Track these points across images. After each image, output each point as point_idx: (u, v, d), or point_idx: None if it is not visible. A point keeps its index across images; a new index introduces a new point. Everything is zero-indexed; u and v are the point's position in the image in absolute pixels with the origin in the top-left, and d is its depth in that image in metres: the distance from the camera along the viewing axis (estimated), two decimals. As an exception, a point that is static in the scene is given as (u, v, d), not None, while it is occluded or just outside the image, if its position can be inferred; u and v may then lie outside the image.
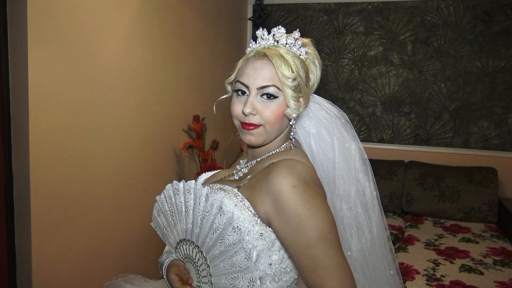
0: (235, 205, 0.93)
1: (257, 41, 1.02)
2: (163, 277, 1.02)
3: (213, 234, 0.90)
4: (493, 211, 3.15)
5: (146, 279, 1.38)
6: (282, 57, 0.96)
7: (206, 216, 0.91)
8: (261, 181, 0.94)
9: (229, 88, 1.06)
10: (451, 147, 3.53)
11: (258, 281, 0.87)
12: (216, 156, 2.89)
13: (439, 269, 2.41)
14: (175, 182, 0.98)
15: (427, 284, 2.25)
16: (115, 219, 2.10)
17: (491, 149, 3.43)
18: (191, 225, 0.95)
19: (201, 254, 0.94)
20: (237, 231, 0.87)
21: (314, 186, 0.92)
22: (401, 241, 2.88)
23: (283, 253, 0.95)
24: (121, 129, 2.10)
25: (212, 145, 2.72)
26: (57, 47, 1.67)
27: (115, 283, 1.34)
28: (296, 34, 1.02)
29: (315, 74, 1.05)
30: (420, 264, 2.47)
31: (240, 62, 1.01)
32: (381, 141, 3.70)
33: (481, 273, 2.36)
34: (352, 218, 1.07)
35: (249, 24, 3.85)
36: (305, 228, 0.87)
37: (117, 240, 2.12)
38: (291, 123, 1.01)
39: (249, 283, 0.87)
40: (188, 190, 0.95)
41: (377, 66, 3.64)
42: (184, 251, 0.99)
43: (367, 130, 3.72)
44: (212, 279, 0.92)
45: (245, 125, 0.98)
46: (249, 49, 1.02)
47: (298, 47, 1.00)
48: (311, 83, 1.05)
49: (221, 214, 0.89)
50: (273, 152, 1.03)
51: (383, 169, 3.45)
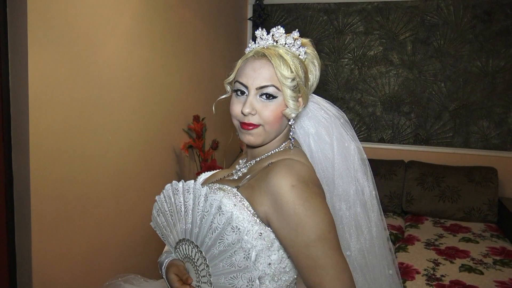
0: (234, 205, 0.93)
1: (256, 41, 1.02)
2: (162, 277, 1.03)
3: (212, 234, 0.91)
4: (493, 211, 3.15)
5: (145, 279, 1.38)
6: (281, 57, 0.96)
7: (205, 216, 0.92)
8: (260, 181, 0.94)
9: (228, 88, 1.07)
10: (451, 147, 3.53)
11: (257, 280, 0.87)
12: (216, 156, 2.89)
13: (439, 269, 2.41)
14: (174, 182, 0.99)
15: (427, 284, 2.25)
16: (115, 219, 2.10)
17: (491, 148, 3.43)
18: (190, 225, 0.95)
19: (200, 254, 0.94)
20: (236, 231, 0.88)
21: (313, 186, 0.92)
22: (401, 241, 2.88)
23: (282, 252, 0.95)
24: (121, 128, 2.10)
25: (212, 145, 2.72)
26: (57, 47, 1.67)
27: (114, 283, 1.34)
28: (295, 34, 1.02)
29: (314, 74, 1.05)
30: (420, 264, 2.47)
31: (239, 62, 1.01)
32: (381, 141, 3.70)
33: (481, 273, 2.36)
34: (351, 217, 1.07)
35: (249, 24, 3.85)
36: (304, 228, 0.88)
37: (117, 240, 2.12)
38: (290, 123, 1.01)
39: (248, 282, 0.87)
40: (187, 190, 0.95)
41: (377, 66, 3.64)
42: (183, 251, 0.99)
43: (367, 130, 3.72)
44: (211, 279, 0.92)
45: (244, 125, 0.98)
46: (248, 49, 1.02)
47: (297, 47, 1.00)
48: (310, 83, 1.05)
49: (220, 214, 0.89)
50: (272, 152, 1.03)
51: (383, 169, 3.45)
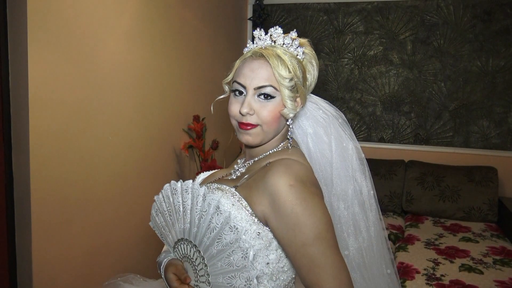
0: (233, 204, 0.94)
1: (254, 42, 1.02)
2: (161, 277, 1.03)
3: (210, 234, 0.91)
4: (493, 210, 3.15)
5: (145, 279, 1.39)
6: (279, 57, 0.96)
7: (204, 215, 0.92)
8: (258, 180, 0.94)
9: (226, 88, 1.07)
10: (451, 147, 3.53)
11: (255, 280, 0.87)
12: (216, 156, 2.89)
13: (439, 268, 2.41)
14: (173, 182, 0.99)
15: (427, 284, 2.25)
16: (116, 219, 2.10)
17: (491, 148, 3.43)
18: (188, 225, 0.95)
19: (198, 253, 0.94)
20: (234, 231, 0.88)
21: (311, 186, 0.93)
22: (401, 240, 2.88)
23: (280, 252, 0.95)
24: (121, 128, 2.10)
25: (212, 145, 2.73)
26: (57, 47, 1.67)
27: (114, 282, 1.34)
28: (293, 34, 1.02)
29: (312, 74, 1.05)
30: (420, 263, 2.47)
31: (238, 63, 1.02)
32: (381, 140, 3.70)
33: (481, 273, 2.36)
34: (349, 217, 1.08)
35: (249, 24, 3.86)
36: (302, 227, 0.88)
37: (117, 240, 2.12)
38: (288, 123, 1.01)
39: (246, 282, 0.88)
40: (186, 189, 0.96)
41: (377, 66, 3.64)
42: (182, 251, 0.99)
43: (367, 129, 3.72)
44: (209, 278, 0.93)
45: (243, 125, 0.98)
46: (246, 49, 1.03)
47: (295, 47, 1.00)
48: (308, 83, 1.05)
49: (218, 214, 0.90)
50: (270, 151, 1.03)
51: (383, 169, 3.45)
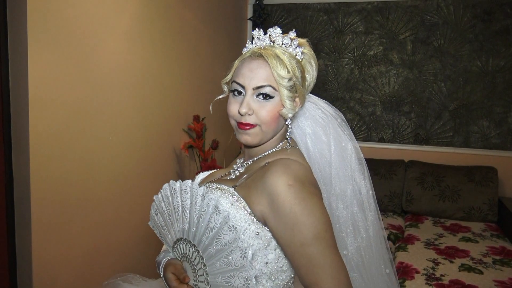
0: (231, 204, 0.94)
1: (253, 42, 1.03)
2: (160, 276, 1.03)
3: (209, 233, 0.91)
4: (493, 210, 3.15)
5: (144, 278, 1.39)
6: (277, 57, 0.96)
7: (203, 215, 0.92)
8: (257, 180, 0.95)
9: (225, 88, 1.07)
10: (451, 147, 3.53)
11: (254, 279, 0.87)
12: (216, 156, 2.89)
13: (438, 268, 2.41)
14: (171, 181, 0.99)
15: (427, 283, 2.25)
16: (116, 219, 2.10)
17: (491, 148, 3.43)
18: (187, 225, 0.96)
19: (197, 253, 0.94)
20: (233, 230, 0.88)
21: (310, 186, 0.93)
22: (401, 240, 2.88)
23: (279, 252, 0.95)
24: (121, 128, 2.11)
25: (212, 145, 2.73)
26: (57, 47, 1.68)
27: (113, 282, 1.34)
28: (292, 34, 1.02)
29: (311, 74, 1.06)
30: (419, 263, 2.47)
31: (236, 63, 1.02)
32: (381, 140, 3.70)
33: (481, 272, 2.36)
34: (348, 217, 1.08)
35: (249, 24, 3.86)
36: (300, 227, 0.88)
37: (117, 240, 2.13)
38: (287, 123, 1.02)
39: (244, 281, 0.88)
40: (185, 189, 0.96)
41: (377, 66, 3.64)
42: (181, 250, 1.00)
43: (367, 129, 3.72)
44: (208, 278, 0.93)
45: (241, 125, 0.98)
46: (245, 49, 1.03)
47: (294, 47, 1.00)
48: (307, 83, 1.05)
49: (217, 213, 0.90)
50: (269, 151, 1.04)
51: (383, 169, 3.45)
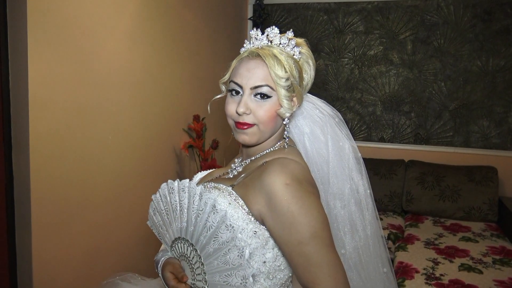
0: (229, 203, 0.94)
1: (251, 41, 1.03)
2: (159, 275, 1.04)
3: (207, 232, 0.91)
4: (493, 210, 3.15)
5: (143, 278, 1.39)
6: (275, 57, 0.97)
7: (200, 214, 0.92)
8: (255, 179, 0.95)
9: (223, 88, 1.07)
10: (451, 146, 3.53)
11: (251, 278, 0.88)
12: (216, 155, 2.90)
13: (438, 268, 2.42)
14: (169, 181, 0.99)
15: (426, 283, 2.25)
16: (115, 219, 2.11)
17: (491, 148, 3.43)
18: (185, 224, 0.96)
19: (195, 252, 0.95)
20: (230, 229, 0.88)
21: (307, 185, 0.93)
22: (401, 240, 2.88)
23: (277, 251, 0.96)
24: (121, 128, 2.11)
25: (212, 144, 2.73)
26: (57, 47, 1.68)
27: (112, 281, 1.35)
28: (290, 34, 1.02)
29: (309, 74, 1.06)
30: (419, 263, 2.47)
31: (234, 62, 1.02)
32: (381, 140, 3.70)
33: (481, 272, 2.36)
34: (346, 216, 1.08)
35: (249, 24, 3.86)
36: (297, 226, 0.88)
37: (117, 240, 2.13)
38: (284, 122, 1.02)
39: (242, 280, 0.88)
40: (183, 189, 0.96)
41: (377, 66, 3.64)
42: (179, 249, 1.00)
43: (367, 129, 3.73)
44: (206, 277, 0.93)
45: (239, 125, 0.99)
46: (243, 49, 1.03)
47: (291, 47, 1.01)
48: (304, 83, 1.06)
49: (214, 213, 0.90)
50: (267, 151, 1.04)
51: (383, 168, 3.45)
